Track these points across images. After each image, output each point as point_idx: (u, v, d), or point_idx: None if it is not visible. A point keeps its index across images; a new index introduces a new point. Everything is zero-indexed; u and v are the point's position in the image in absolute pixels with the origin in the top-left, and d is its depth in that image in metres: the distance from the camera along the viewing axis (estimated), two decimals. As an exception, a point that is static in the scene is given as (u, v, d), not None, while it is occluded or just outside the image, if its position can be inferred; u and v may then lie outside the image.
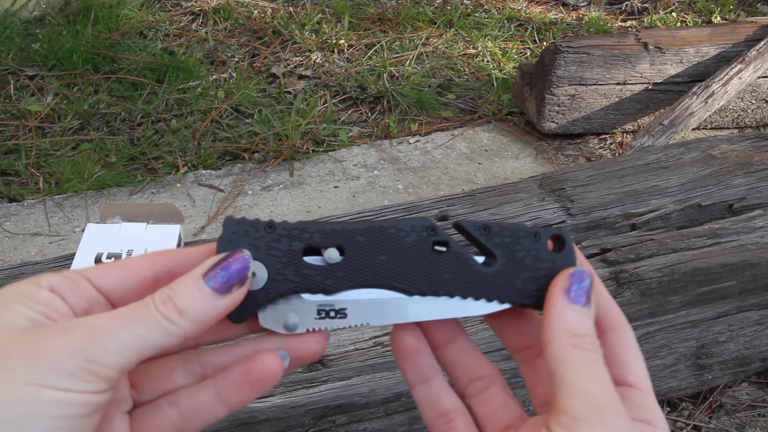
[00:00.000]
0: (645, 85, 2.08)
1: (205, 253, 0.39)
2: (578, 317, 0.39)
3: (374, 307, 0.40)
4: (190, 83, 2.22)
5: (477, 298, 0.41)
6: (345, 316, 0.40)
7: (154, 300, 0.35)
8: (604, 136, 2.17)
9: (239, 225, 0.39)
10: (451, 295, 0.40)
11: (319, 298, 0.39)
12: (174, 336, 0.35)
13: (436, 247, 0.40)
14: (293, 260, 0.38)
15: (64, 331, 0.33)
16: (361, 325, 0.40)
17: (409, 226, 0.40)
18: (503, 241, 0.41)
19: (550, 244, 0.42)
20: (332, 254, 0.38)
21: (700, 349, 1.17)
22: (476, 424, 0.43)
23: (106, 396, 0.34)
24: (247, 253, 0.37)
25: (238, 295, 0.36)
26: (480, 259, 0.41)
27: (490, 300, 0.41)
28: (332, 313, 0.39)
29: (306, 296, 0.39)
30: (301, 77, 2.34)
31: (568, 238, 0.42)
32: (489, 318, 0.44)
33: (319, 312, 0.39)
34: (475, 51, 2.51)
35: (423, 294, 0.40)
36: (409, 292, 0.40)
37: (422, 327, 0.43)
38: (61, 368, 0.32)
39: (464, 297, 0.41)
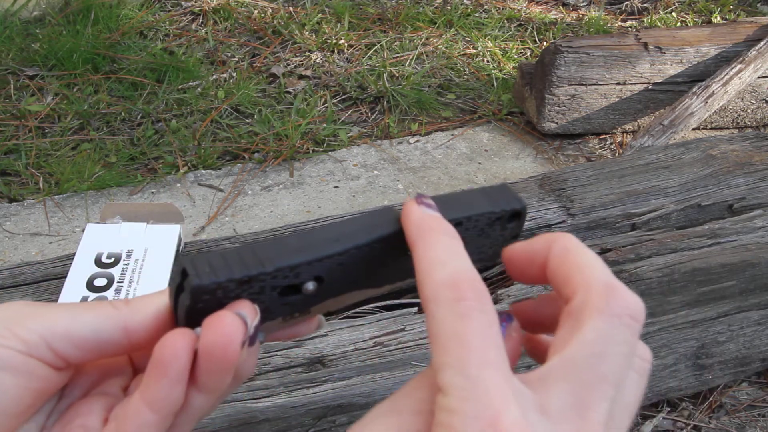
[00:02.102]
0: (645, 85, 2.08)
1: (152, 321, 0.35)
2: (444, 252, 0.33)
3: (340, 301, 0.39)
4: (190, 83, 2.22)
5: None
6: (309, 312, 0.39)
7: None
8: (604, 136, 2.17)
9: (210, 290, 0.33)
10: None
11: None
12: (113, 319, 0.34)
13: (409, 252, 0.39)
14: (270, 301, 0.36)
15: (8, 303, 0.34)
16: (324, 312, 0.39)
17: (385, 239, 0.37)
18: (472, 232, 0.39)
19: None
20: (309, 286, 0.36)
21: (700, 349, 1.17)
22: None
23: (20, 359, 0.33)
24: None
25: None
26: None
27: None
28: (296, 315, 0.38)
29: None
30: (301, 77, 2.34)
31: (524, 213, 0.39)
32: None
33: (284, 319, 0.38)
34: (475, 51, 2.51)
35: (392, 284, 0.40)
36: (379, 286, 0.39)
37: None
38: None
39: None
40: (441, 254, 0.32)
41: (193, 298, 0.33)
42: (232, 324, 0.32)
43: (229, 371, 0.33)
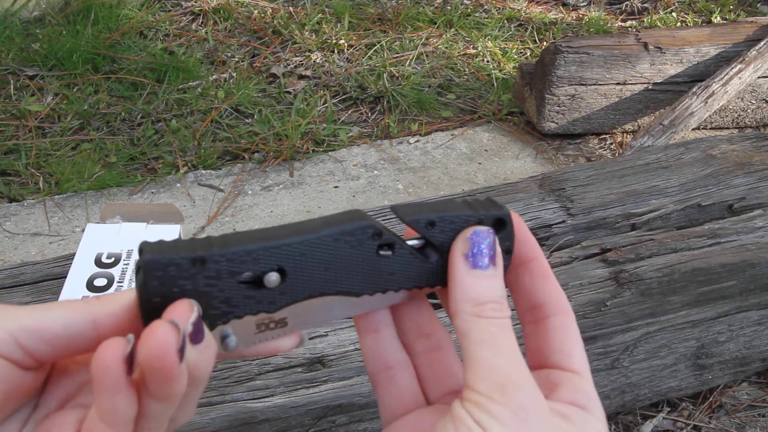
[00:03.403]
0: (645, 85, 2.08)
1: (119, 314, 0.36)
2: (481, 282, 0.37)
3: (317, 310, 0.38)
4: (190, 83, 2.22)
5: (421, 288, 0.40)
6: (285, 324, 0.38)
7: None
8: (604, 136, 2.17)
9: (162, 266, 0.33)
10: (398, 290, 0.40)
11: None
12: (82, 313, 0.34)
13: (381, 252, 0.38)
14: (230, 290, 0.35)
15: None
16: (304, 328, 0.39)
17: (350, 234, 0.37)
18: (448, 234, 0.39)
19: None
20: (272, 278, 0.36)
21: (700, 349, 1.17)
22: (420, 385, 0.42)
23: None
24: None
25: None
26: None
27: (433, 286, 0.40)
28: (271, 325, 0.37)
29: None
30: (301, 77, 2.34)
31: (509, 220, 0.40)
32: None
33: (258, 326, 0.37)
34: (475, 51, 2.51)
35: (371, 293, 0.39)
36: (357, 294, 0.39)
37: None
38: None
39: (410, 289, 0.40)
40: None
41: (146, 274, 0.33)
42: (164, 333, 0.32)
43: (173, 379, 0.32)
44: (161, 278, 0.34)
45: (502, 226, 0.40)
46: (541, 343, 0.40)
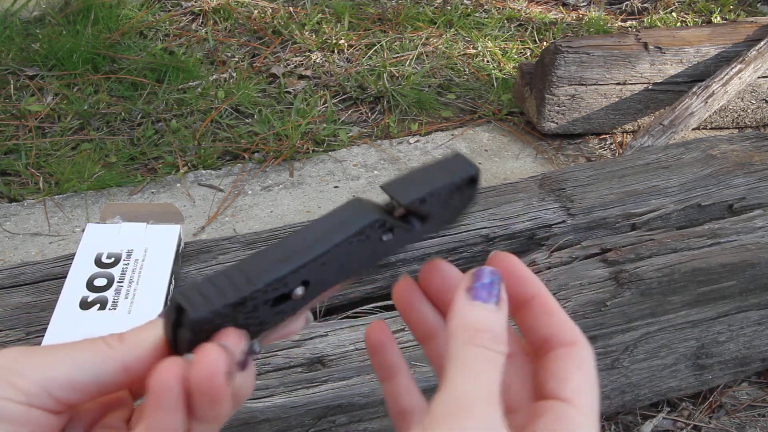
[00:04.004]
0: (645, 85, 2.08)
1: (150, 356, 0.36)
2: (480, 312, 0.36)
3: (323, 296, 0.41)
4: (190, 83, 2.22)
5: (403, 247, 0.42)
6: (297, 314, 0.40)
7: (104, 336, 0.35)
8: (604, 136, 2.17)
9: (208, 320, 0.34)
10: (394, 254, 0.42)
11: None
12: (111, 360, 0.34)
13: (384, 237, 0.40)
14: (264, 315, 0.37)
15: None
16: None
17: (361, 233, 0.38)
18: (434, 206, 0.41)
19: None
20: (298, 292, 0.37)
21: (700, 349, 1.17)
22: None
23: (20, 409, 0.33)
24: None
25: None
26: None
27: (413, 243, 0.42)
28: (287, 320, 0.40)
29: None
30: (301, 77, 2.34)
31: (478, 176, 0.41)
32: None
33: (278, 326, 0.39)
34: (475, 51, 2.51)
35: (366, 270, 0.41)
36: (357, 275, 0.41)
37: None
38: None
39: (396, 252, 0.42)
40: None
41: (193, 331, 0.34)
42: (215, 357, 0.33)
43: (220, 401, 0.33)
44: (207, 330, 0.35)
45: (473, 182, 0.41)
46: (539, 374, 0.38)
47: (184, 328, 0.34)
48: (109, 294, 0.97)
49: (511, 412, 0.37)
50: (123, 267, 1.02)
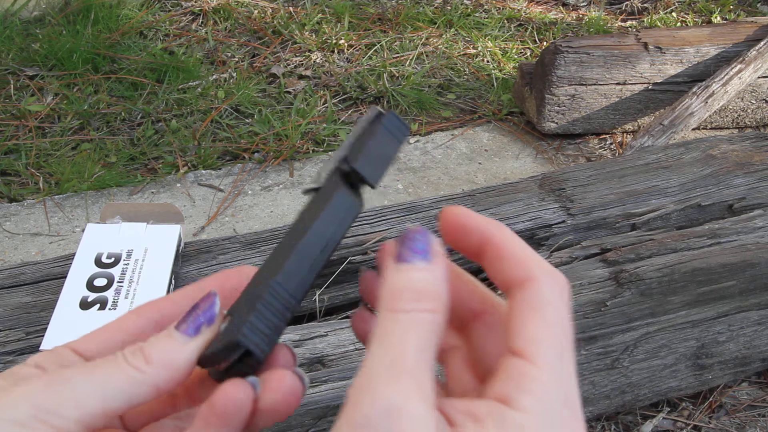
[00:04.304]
0: (645, 85, 2.08)
1: (190, 296, 0.38)
2: (402, 275, 0.33)
3: None
4: (190, 83, 2.22)
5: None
6: None
7: (124, 352, 0.35)
8: (604, 136, 2.17)
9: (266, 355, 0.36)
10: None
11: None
12: (142, 384, 0.34)
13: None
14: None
15: (24, 382, 0.33)
16: None
17: (348, 218, 0.38)
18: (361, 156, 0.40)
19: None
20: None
21: (700, 349, 1.17)
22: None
23: None
24: (213, 292, 0.37)
25: (207, 335, 0.36)
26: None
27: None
28: None
29: None
30: (301, 77, 2.34)
31: (384, 111, 0.40)
32: None
33: None
34: (475, 51, 2.51)
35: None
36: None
37: None
38: (12, 417, 0.31)
39: None
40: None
41: (254, 368, 0.35)
42: (295, 385, 0.34)
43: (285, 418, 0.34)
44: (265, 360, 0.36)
45: (381, 116, 0.40)
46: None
47: (243, 364, 0.35)
48: (109, 294, 0.97)
49: (490, 375, 0.33)
50: (123, 267, 1.02)
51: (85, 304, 0.96)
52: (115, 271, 1.01)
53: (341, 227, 0.38)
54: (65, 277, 1.00)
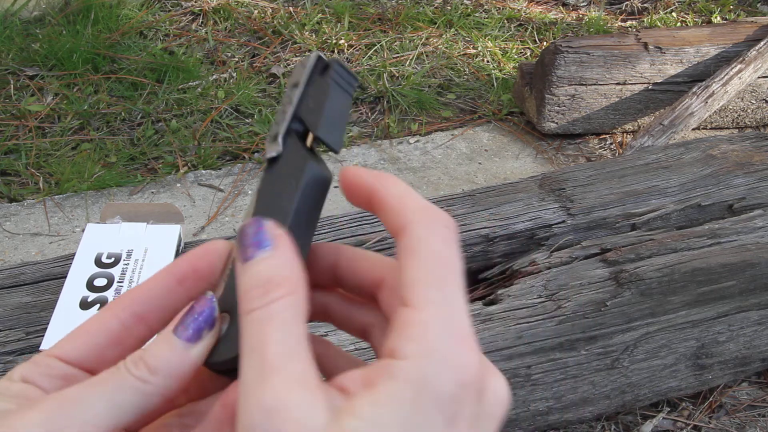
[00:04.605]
0: (645, 85, 2.08)
1: (164, 283, 0.36)
2: (249, 271, 0.32)
3: None
4: (190, 83, 2.22)
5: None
6: None
7: (126, 363, 0.33)
8: (604, 136, 2.17)
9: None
10: None
11: None
12: (151, 396, 0.33)
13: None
14: None
15: (31, 407, 0.31)
16: None
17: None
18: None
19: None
20: None
21: (700, 349, 1.17)
22: None
23: None
24: (210, 294, 0.35)
25: (209, 340, 0.35)
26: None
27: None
28: None
29: None
30: (301, 77, 2.34)
31: (328, 59, 0.38)
32: None
33: None
34: (475, 51, 2.51)
35: None
36: None
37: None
38: None
39: None
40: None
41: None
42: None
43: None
44: None
45: (327, 67, 0.38)
46: None
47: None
48: (109, 294, 0.97)
49: None
50: (123, 267, 1.02)
51: (85, 304, 0.96)
52: (115, 271, 1.01)
53: (319, 204, 0.36)
54: (65, 277, 1.00)
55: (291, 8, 2.67)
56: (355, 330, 0.38)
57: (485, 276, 1.19)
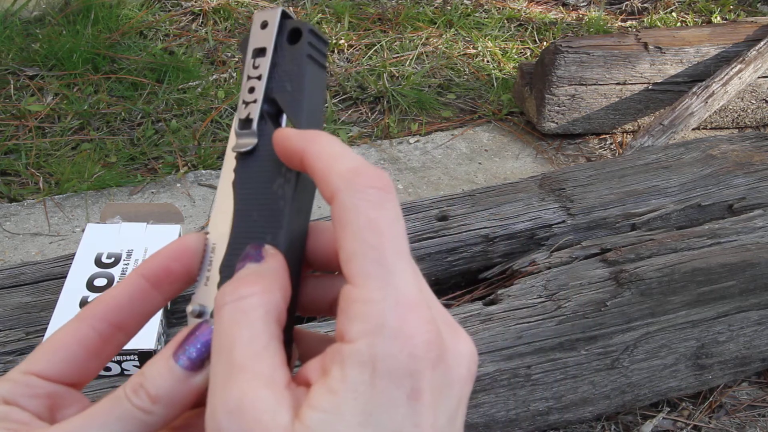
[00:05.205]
0: (645, 85, 2.08)
1: (136, 286, 0.35)
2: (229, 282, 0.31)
3: None
4: (190, 83, 2.22)
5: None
6: None
7: (125, 391, 0.32)
8: (604, 136, 2.17)
9: None
10: None
11: None
12: (154, 425, 0.32)
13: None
14: None
15: None
16: None
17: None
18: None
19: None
20: None
21: (700, 349, 1.17)
22: None
23: None
24: (212, 321, 0.34)
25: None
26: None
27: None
28: None
29: None
30: (301, 77, 2.34)
31: (298, 25, 0.33)
32: None
33: None
34: (475, 51, 2.51)
35: None
36: None
37: None
38: None
39: None
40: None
41: None
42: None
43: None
44: None
45: (298, 35, 0.33)
46: None
47: None
48: (109, 294, 0.97)
49: None
50: (123, 267, 1.02)
51: (85, 304, 0.96)
52: (115, 271, 1.01)
53: (311, 204, 0.34)
54: (65, 277, 1.00)
55: (291, 8, 2.67)
56: (327, 309, 0.36)
57: (485, 276, 1.19)
